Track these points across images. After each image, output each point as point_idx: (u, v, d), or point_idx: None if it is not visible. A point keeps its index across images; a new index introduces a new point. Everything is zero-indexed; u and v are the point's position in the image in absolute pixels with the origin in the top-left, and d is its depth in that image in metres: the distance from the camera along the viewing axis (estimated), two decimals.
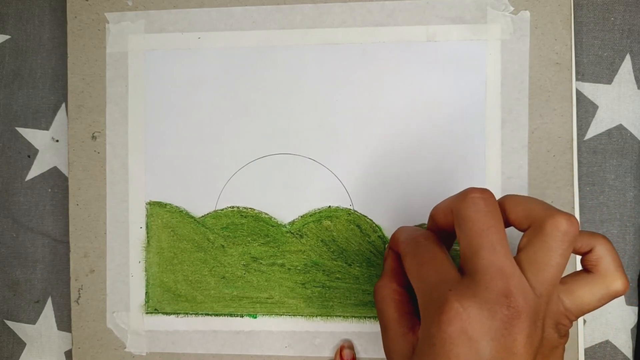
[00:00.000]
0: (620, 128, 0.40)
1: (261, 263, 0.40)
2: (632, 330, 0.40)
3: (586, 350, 0.39)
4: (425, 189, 0.39)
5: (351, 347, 0.39)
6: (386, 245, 0.39)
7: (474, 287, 0.26)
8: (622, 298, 0.39)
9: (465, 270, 0.27)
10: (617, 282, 0.28)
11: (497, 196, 0.38)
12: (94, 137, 0.41)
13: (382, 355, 0.39)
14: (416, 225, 0.39)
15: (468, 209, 0.28)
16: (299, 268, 0.40)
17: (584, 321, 0.39)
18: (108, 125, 0.41)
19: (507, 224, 0.29)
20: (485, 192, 0.28)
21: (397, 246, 0.31)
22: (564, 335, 0.28)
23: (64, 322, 0.43)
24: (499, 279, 0.26)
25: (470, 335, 0.25)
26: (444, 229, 0.31)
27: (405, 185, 0.40)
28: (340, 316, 0.40)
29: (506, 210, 0.29)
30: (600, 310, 0.40)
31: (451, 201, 0.29)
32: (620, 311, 0.40)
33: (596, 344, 0.40)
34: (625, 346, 0.40)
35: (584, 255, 0.29)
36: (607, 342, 0.40)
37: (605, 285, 0.28)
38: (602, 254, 0.28)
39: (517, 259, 0.27)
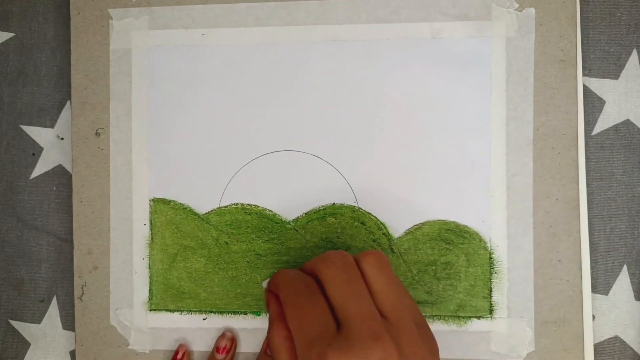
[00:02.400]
0: (627, 123, 0.40)
1: (265, 260, 0.40)
2: None
3: (595, 346, 0.39)
4: (429, 186, 0.39)
5: (231, 338, 0.40)
6: (267, 287, 0.37)
7: (350, 338, 0.27)
8: (631, 293, 0.39)
9: (339, 320, 0.28)
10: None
11: (499, 195, 0.38)
12: (97, 134, 0.41)
13: None
14: (416, 225, 0.39)
15: (329, 267, 0.30)
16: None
17: (593, 317, 0.39)
18: (112, 122, 0.41)
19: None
20: (341, 252, 0.31)
21: (278, 291, 0.31)
22: (434, 352, 0.30)
23: (69, 322, 0.43)
24: (370, 322, 0.28)
25: None
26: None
27: (410, 182, 0.39)
28: None
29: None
30: (609, 306, 0.39)
31: (313, 263, 0.31)
32: (630, 307, 0.39)
33: (605, 340, 0.39)
34: (635, 341, 0.39)
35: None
36: (616, 337, 0.39)
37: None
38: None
39: None
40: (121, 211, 0.41)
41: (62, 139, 0.43)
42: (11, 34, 0.44)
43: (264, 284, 0.36)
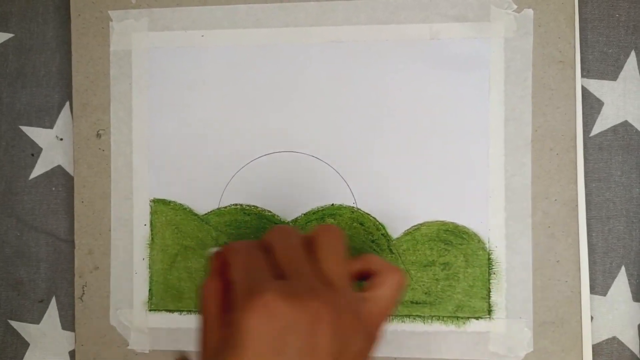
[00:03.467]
0: (625, 124, 0.40)
1: None
2: (639, 326, 0.39)
3: (593, 347, 0.39)
4: (428, 187, 0.39)
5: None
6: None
7: (289, 285, 0.27)
8: (629, 294, 0.39)
9: (284, 275, 0.29)
10: (399, 273, 0.31)
11: (498, 195, 0.38)
12: (98, 135, 0.41)
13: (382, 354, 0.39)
14: (415, 225, 0.39)
15: (276, 232, 0.31)
16: None
17: (591, 318, 0.39)
18: (112, 123, 0.41)
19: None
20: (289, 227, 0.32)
21: (230, 248, 0.31)
22: (370, 344, 0.29)
23: (69, 322, 0.43)
24: (313, 280, 0.28)
25: (275, 328, 0.26)
26: None
27: (409, 183, 0.40)
28: None
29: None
30: (608, 306, 0.39)
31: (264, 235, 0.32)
32: (628, 307, 0.39)
33: (603, 341, 0.40)
34: (633, 342, 0.39)
35: (364, 269, 0.32)
36: (614, 338, 0.39)
37: (394, 277, 0.30)
38: (377, 260, 0.32)
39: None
40: (122, 212, 0.41)
41: (62, 139, 0.43)
42: (10, 35, 0.44)
43: (212, 250, 0.36)
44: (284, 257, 0.29)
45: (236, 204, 0.41)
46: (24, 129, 0.44)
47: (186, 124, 0.41)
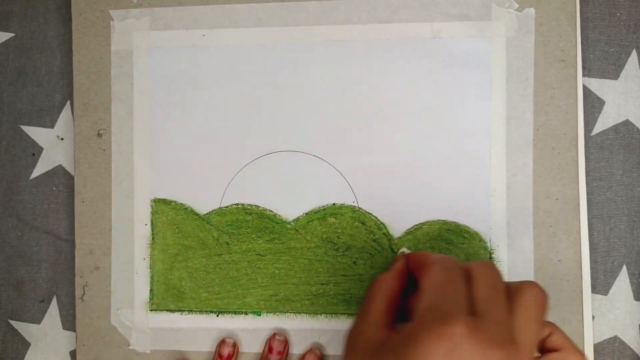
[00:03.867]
0: (627, 123, 0.40)
1: (266, 260, 0.40)
2: None
3: (595, 346, 0.39)
4: (430, 186, 0.39)
5: (233, 344, 0.40)
6: (399, 250, 0.39)
7: (483, 323, 0.26)
8: (630, 294, 0.39)
9: (475, 311, 0.28)
10: (580, 356, 0.31)
11: (499, 194, 0.38)
12: (99, 135, 0.41)
13: None
14: (416, 225, 0.39)
15: (484, 267, 0.30)
16: (303, 265, 0.40)
17: (593, 317, 0.39)
18: (113, 122, 0.41)
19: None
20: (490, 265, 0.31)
21: (430, 257, 0.31)
22: None
23: (69, 322, 0.43)
24: (504, 328, 0.27)
25: None
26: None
27: (410, 183, 0.39)
28: (344, 314, 0.40)
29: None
30: (609, 306, 0.39)
31: (466, 265, 0.31)
32: (629, 307, 0.40)
33: (604, 340, 0.40)
34: (634, 342, 0.39)
35: (545, 339, 0.31)
36: (616, 337, 0.40)
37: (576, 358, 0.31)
38: (563, 336, 0.31)
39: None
40: (122, 211, 0.41)
41: (62, 139, 0.43)
42: (11, 34, 0.44)
43: (405, 250, 0.37)
44: (484, 294, 0.28)
45: (237, 204, 0.41)
46: (25, 128, 0.44)
47: (187, 123, 0.41)
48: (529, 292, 0.29)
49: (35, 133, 0.43)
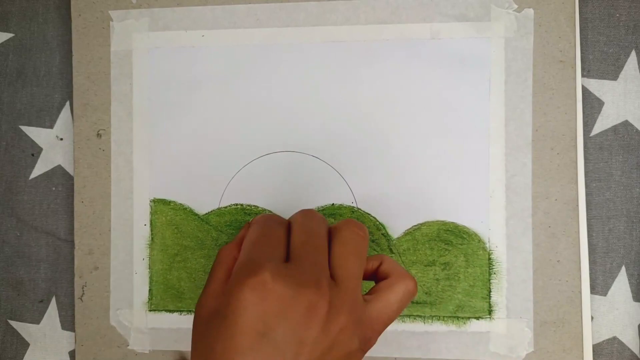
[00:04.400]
0: (626, 124, 0.40)
1: None
2: (639, 326, 0.39)
3: (594, 347, 0.39)
4: (428, 186, 0.39)
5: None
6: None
7: (292, 269, 0.27)
8: (629, 294, 0.39)
9: (290, 258, 0.28)
10: (411, 281, 0.30)
11: (498, 195, 0.38)
12: (99, 135, 0.42)
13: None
14: (415, 225, 0.39)
15: (303, 216, 0.30)
16: None
17: (592, 318, 0.39)
18: (113, 123, 0.41)
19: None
20: (319, 214, 0.31)
21: (255, 219, 0.31)
22: (363, 349, 0.28)
23: (68, 322, 0.43)
24: (318, 272, 0.27)
25: (266, 309, 0.25)
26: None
27: (409, 183, 0.40)
28: None
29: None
30: (608, 306, 0.40)
31: (289, 219, 0.31)
32: (628, 307, 0.40)
33: (604, 341, 0.40)
34: (633, 342, 0.39)
35: (377, 269, 0.31)
36: (615, 338, 0.39)
37: (404, 284, 0.30)
38: (391, 263, 0.31)
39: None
40: (122, 212, 0.41)
41: (62, 139, 0.43)
42: (10, 35, 0.44)
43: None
44: (299, 240, 0.29)
45: (236, 204, 0.41)
46: (24, 128, 0.44)
47: (186, 124, 0.41)
48: (346, 228, 0.30)
49: (35, 133, 0.43)
